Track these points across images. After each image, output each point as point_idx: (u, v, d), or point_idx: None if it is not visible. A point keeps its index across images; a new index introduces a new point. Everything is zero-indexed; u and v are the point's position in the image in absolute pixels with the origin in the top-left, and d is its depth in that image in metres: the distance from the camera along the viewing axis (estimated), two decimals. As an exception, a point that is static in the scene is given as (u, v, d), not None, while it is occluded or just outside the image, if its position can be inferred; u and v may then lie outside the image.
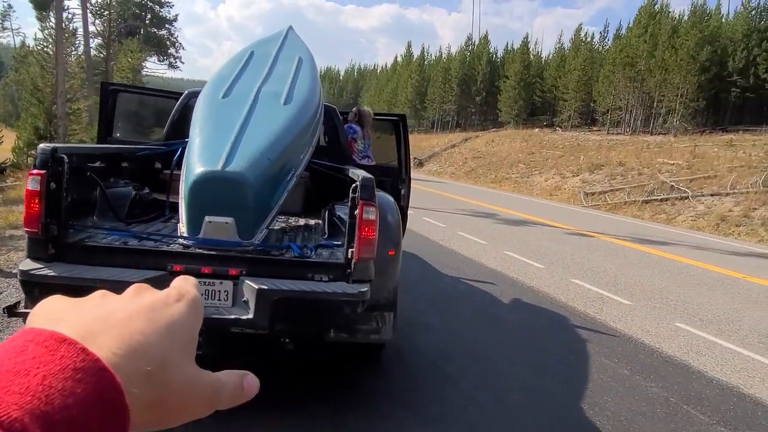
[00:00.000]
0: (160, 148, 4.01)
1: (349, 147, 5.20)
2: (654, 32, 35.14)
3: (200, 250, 2.74)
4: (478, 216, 12.89)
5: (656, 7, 37.99)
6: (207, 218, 2.71)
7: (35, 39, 28.74)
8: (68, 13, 30.61)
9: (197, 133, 3.10)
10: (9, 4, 30.11)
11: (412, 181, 5.48)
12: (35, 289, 2.47)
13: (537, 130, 41.80)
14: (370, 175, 2.84)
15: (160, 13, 50.35)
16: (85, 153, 3.33)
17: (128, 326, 0.30)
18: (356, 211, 2.72)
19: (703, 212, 18.25)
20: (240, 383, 0.35)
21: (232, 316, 2.59)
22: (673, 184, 21.17)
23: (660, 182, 21.86)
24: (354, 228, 2.73)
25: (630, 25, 39.32)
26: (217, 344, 2.66)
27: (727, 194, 18.97)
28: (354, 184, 2.79)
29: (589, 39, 47.44)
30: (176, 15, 50.59)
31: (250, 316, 2.57)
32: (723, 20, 35.83)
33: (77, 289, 2.45)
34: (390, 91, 65.32)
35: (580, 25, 49.80)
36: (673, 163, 23.89)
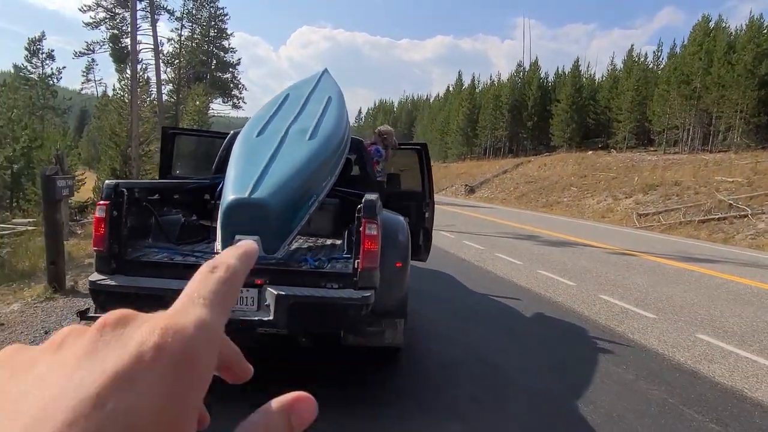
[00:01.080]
0: (205, 181, 4.70)
1: (373, 171, 5.72)
2: (709, 49, 34.26)
3: None
4: (520, 238, 13.08)
5: (711, 24, 37.09)
6: (237, 237, 3.29)
7: (114, 89, 31.44)
8: (143, 64, 33.39)
9: (232, 167, 3.73)
10: (93, 59, 33.29)
11: (459, 207, 5.94)
12: (100, 296, 3.12)
13: (590, 152, 41.17)
14: (373, 197, 3.34)
15: (225, 59, 53.52)
16: (141, 187, 4.03)
17: None
18: (360, 228, 3.23)
19: (763, 230, 17.55)
20: (285, 423, 0.25)
21: (257, 318, 3.13)
22: (732, 202, 20.44)
23: (717, 201, 21.16)
24: (359, 242, 3.24)
25: (684, 43, 38.45)
26: (244, 342, 3.21)
27: (791, 211, 18.18)
28: (359, 206, 3.30)
29: (642, 59, 46.60)
30: (239, 59, 53.60)
31: (271, 317, 3.10)
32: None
33: (133, 296, 3.07)
34: (442, 119, 66.19)
35: (632, 45, 48.92)
36: (732, 181, 23.07)
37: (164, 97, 41.50)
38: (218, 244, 3.42)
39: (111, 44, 32.03)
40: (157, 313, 0.24)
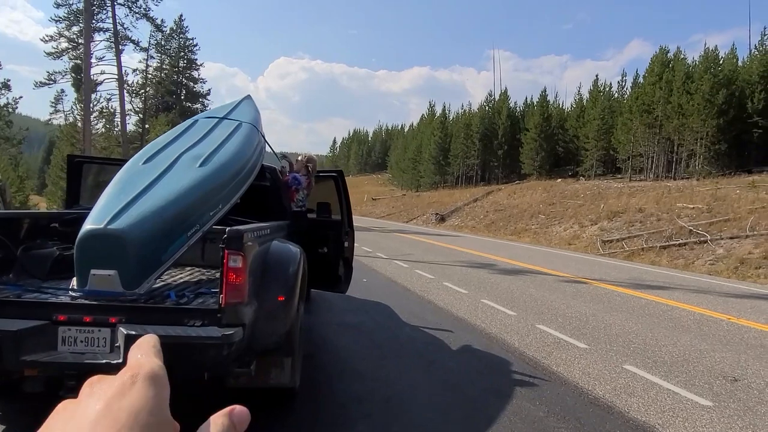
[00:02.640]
0: (87, 211, 4.39)
1: (288, 199, 5.49)
2: (668, 79, 35.27)
3: (86, 301, 3.01)
4: (475, 267, 12.89)
5: (670, 55, 38.31)
6: (92, 271, 3.00)
7: (66, 119, 30.95)
8: (107, 93, 33.04)
9: (103, 195, 3.46)
10: (62, 89, 32.82)
11: (425, 236, 5.74)
12: None
13: (560, 180, 41.72)
14: (239, 228, 3.09)
15: (194, 89, 53.38)
16: None
17: None
18: (224, 260, 2.96)
19: (722, 256, 17.70)
20: (230, 424, 0.35)
21: (105, 361, 2.82)
22: (692, 228, 20.67)
23: (679, 227, 21.39)
24: (223, 276, 2.97)
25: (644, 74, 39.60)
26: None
27: (747, 236, 18.41)
28: (224, 236, 3.04)
29: (606, 89, 47.80)
30: (209, 89, 53.44)
31: (120, 360, 2.79)
32: (738, 64, 35.68)
33: None
34: (414, 149, 66.63)
35: (597, 75, 50.27)
36: (693, 207, 23.40)
37: (131, 127, 41.14)
38: (74, 280, 3.12)
39: (73, 74, 31.59)
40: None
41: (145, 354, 0.36)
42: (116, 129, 35.36)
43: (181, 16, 51.04)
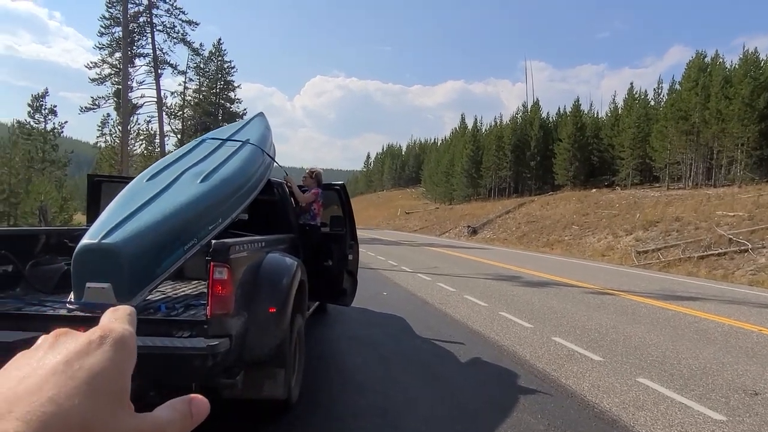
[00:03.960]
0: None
1: (309, 210, 5.54)
2: (706, 84, 34.26)
3: (81, 312, 3.14)
4: (499, 279, 12.73)
5: (707, 60, 37.27)
6: (87, 284, 3.13)
7: (106, 141, 32.23)
8: (146, 116, 34.27)
9: (104, 211, 3.62)
10: (108, 113, 34.38)
11: (454, 249, 5.77)
12: None
13: (594, 190, 40.88)
14: (225, 240, 3.18)
15: (231, 109, 54.76)
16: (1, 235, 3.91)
17: (38, 396, 0.27)
18: (209, 272, 3.05)
19: (764, 265, 16.97)
20: (187, 411, 0.34)
21: None
22: (732, 236, 19.89)
23: (718, 236, 20.61)
24: (209, 287, 3.05)
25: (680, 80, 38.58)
26: None
27: (791, 245, 17.62)
28: (210, 249, 3.13)
29: (642, 96, 46.77)
30: (245, 110, 54.67)
31: None
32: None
33: None
34: (447, 162, 66.51)
35: (632, 83, 49.25)
36: (734, 215, 22.54)
37: (171, 148, 42.44)
38: (72, 293, 3.26)
39: (115, 98, 32.94)
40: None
41: (118, 319, 0.35)
42: (155, 150, 36.60)
43: (220, 39, 52.61)
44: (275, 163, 5.54)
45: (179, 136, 45.14)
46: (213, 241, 3.12)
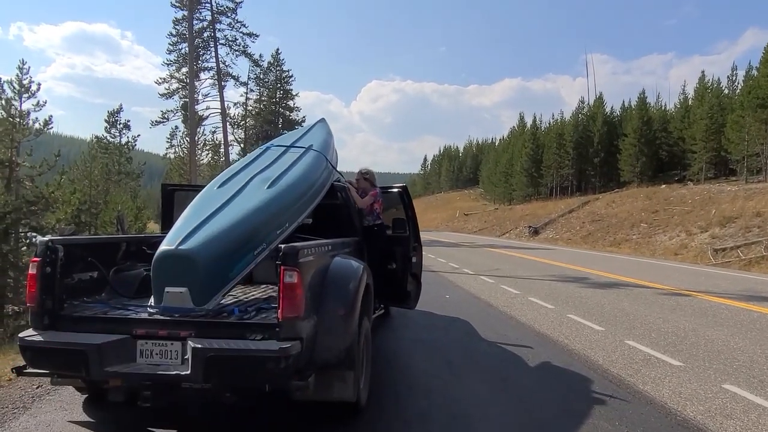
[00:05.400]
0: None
1: (372, 211, 5.55)
2: (787, 68, 31.95)
3: (161, 316, 3.28)
4: (565, 281, 12.33)
5: (787, 41, 34.71)
6: (166, 289, 3.27)
7: (175, 152, 33.76)
8: (211, 127, 35.69)
9: (179, 218, 3.77)
10: (176, 126, 36.15)
11: (515, 250, 5.72)
12: (27, 352, 3.17)
13: (664, 186, 38.92)
14: (294, 245, 3.23)
15: (290, 117, 56.06)
16: (84, 243, 4.12)
17: None
18: (280, 276, 3.11)
19: None
20: None
21: (175, 372, 3.04)
22: (822, 232, 18.39)
23: (806, 231, 19.12)
24: (280, 291, 3.11)
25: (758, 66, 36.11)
26: (165, 398, 3.15)
27: None
28: (280, 253, 3.18)
29: (715, 85, 44.18)
30: (304, 117, 55.76)
31: (189, 371, 3.00)
32: None
33: (57, 351, 3.10)
34: (506, 162, 65.35)
35: (703, 72, 46.64)
36: (823, 209, 20.84)
37: (234, 157, 43.98)
38: (152, 297, 3.42)
39: (183, 111, 34.53)
40: None
41: None
42: (221, 159, 38.06)
43: (278, 50, 53.96)
44: (335, 171, 5.59)
45: (242, 145, 46.70)
46: (282, 246, 3.18)
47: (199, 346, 3.01)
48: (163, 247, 3.35)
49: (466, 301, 9.45)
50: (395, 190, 6.00)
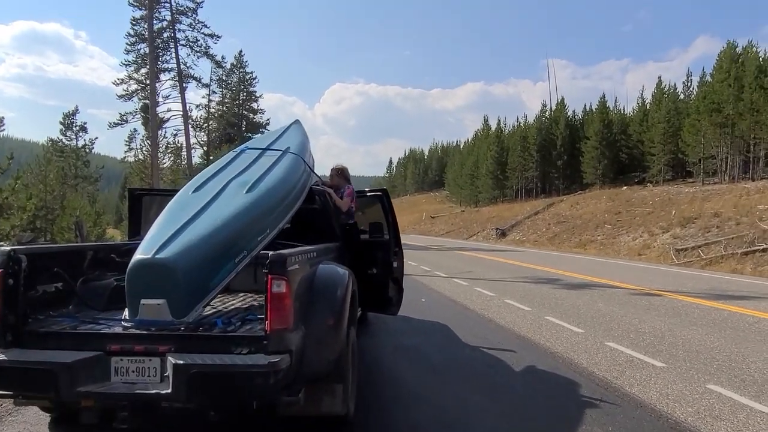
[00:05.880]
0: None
1: (338, 222, 5.41)
2: (739, 75, 33.26)
3: (137, 330, 3.03)
4: (538, 282, 12.40)
5: (738, 49, 36.19)
6: (142, 301, 3.01)
7: (136, 155, 32.80)
8: (173, 129, 34.76)
9: (153, 225, 3.51)
10: (135, 128, 34.95)
11: (485, 253, 5.59)
12: None
13: (625, 188, 40.01)
14: (282, 252, 3.03)
15: (254, 120, 55.22)
16: (49, 252, 3.80)
17: None
18: (268, 285, 2.90)
19: (814, 260, 16.25)
20: None
21: (155, 391, 2.79)
22: (776, 231, 19.13)
23: (762, 231, 19.85)
24: (267, 301, 2.90)
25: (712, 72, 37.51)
26: (141, 418, 2.89)
27: (842, 238, 16.83)
28: (267, 261, 2.97)
29: (671, 90, 45.70)
30: (268, 119, 54.95)
31: (169, 390, 2.75)
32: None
33: (21, 371, 2.81)
34: (471, 164, 66.00)
35: (660, 77, 48.07)
36: (776, 209, 21.70)
37: (197, 160, 43.00)
38: (126, 310, 3.15)
39: (142, 113, 33.47)
40: None
41: None
42: (183, 162, 37.10)
43: (241, 51, 53.35)
44: (314, 174, 5.40)
45: (205, 148, 45.72)
46: (270, 253, 2.97)
47: (181, 362, 2.77)
48: (139, 255, 3.09)
49: (443, 304, 9.35)
50: (376, 193, 5.84)
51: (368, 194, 6.14)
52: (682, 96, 44.82)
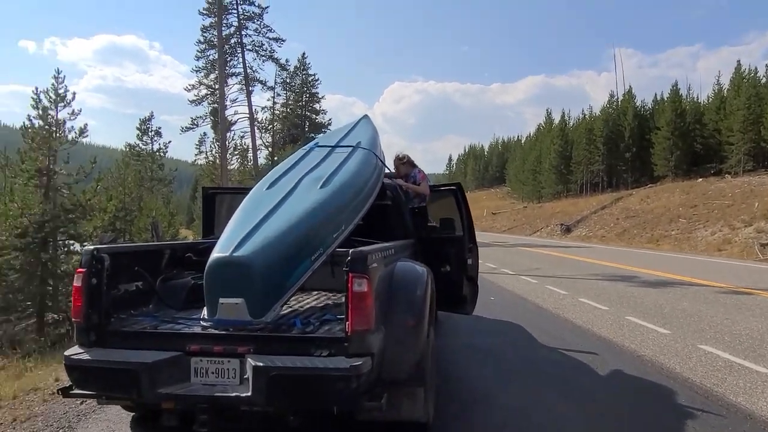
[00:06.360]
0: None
1: (411, 218, 5.29)
2: (831, 54, 30.50)
3: (215, 330, 3.00)
4: (613, 280, 11.80)
5: (830, 26, 33.21)
6: (220, 300, 2.98)
7: (206, 157, 34.03)
8: (239, 132, 35.87)
9: (229, 223, 3.49)
10: (204, 132, 36.46)
11: (551, 249, 5.36)
12: (74, 372, 2.91)
13: (700, 180, 37.68)
14: (362, 249, 2.92)
15: (317, 120, 56.09)
16: (130, 251, 3.83)
17: None
18: (348, 284, 2.79)
19: None
20: None
21: (234, 394, 2.75)
22: None
23: None
24: (347, 301, 2.80)
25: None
26: (222, 422, 2.84)
27: None
28: (347, 258, 2.87)
29: (751, 75, 42.61)
30: (330, 119, 55.63)
31: (249, 393, 2.70)
32: None
33: (105, 371, 2.84)
34: (533, 159, 64.28)
35: (738, 61, 44.77)
36: None
37: (262, 161, 44.16)
38: (204, 309, 3.14)
39: (212, 117, 34.77)
40: None
41: None
42: (249, 163, 38.19)
43: (304, 53, 54.19)
44: (386, 168, 5.29)
45: (270, 149, 46.86)
46: (350, 250, 2.86)
47: (261, 364, 2.71)
48: (216, 254, 3.06)
49: (513, 303, 9.05)
50: (450, 188, 5.65)
51: (442, 189, 5.97)
52: (764, 80, 41.72)
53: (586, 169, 53.73)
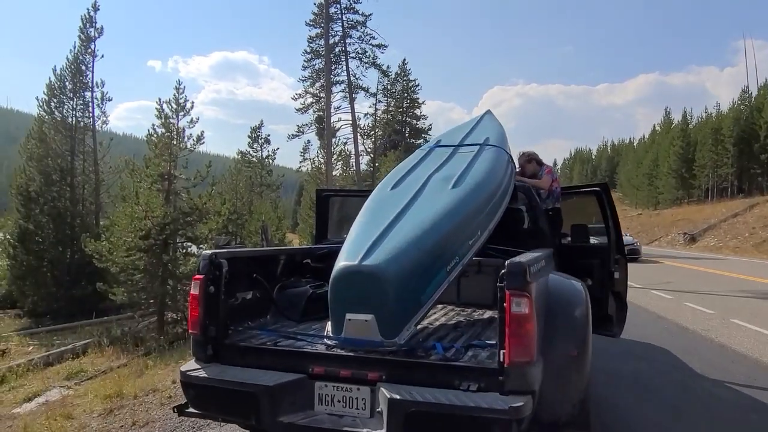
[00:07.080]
0: (337, 245, 4.15)
1: (552, 192, 4.68)
2: None
3: (341, 351, 2.60)
4: (766, 298, 10.19)
5: None
6: (347, 316, 2.58)
7: (312, 163, 35.03)
8: (342, 138, 36.66)
9: (354, 227, 3.10)
10: (308, 140, 37.61)
11: (678, 260, 4.55)
12: (190, 389, 2.64)
13: None
14: (519, 260, 2.37)
15: (417, 126, 56.09)
16: (247, 257, 3.52)
17: None
18: (504, 304, 2.26)
19: None
20: None
21: (365, 430, 2.32)
22: None
23: None
24: (503, 324, 2.27)
25: None
26: None
27: None
28: (502, 272, 2.34)
29: None
30: (430, 125, 55.32)
31: (383, 430, 2.27)
32: None
33: (222, 391, 2.53)
34: (649, 162, 59.57)
35: None
36: None
37: (364, 167, 44.78)
38: (328, 325, 2.75)
39: (316, 124, 35.77)
40: None
41: None
42: (351, 169, 38.86)
43: (405, 60, 54.42)
44: (516, 166, 4.71)
45: (371, 155, 47.47)
46: (507, 261, 2.33)
47: (397, 396, 2.26)
48: (343, 262, 2.66)
49: (649, 321, 7.99)
50: (590, 189, 4.90)
51: (582, 191, 5.25)
52: None
53: (712, 173, 48.79)
